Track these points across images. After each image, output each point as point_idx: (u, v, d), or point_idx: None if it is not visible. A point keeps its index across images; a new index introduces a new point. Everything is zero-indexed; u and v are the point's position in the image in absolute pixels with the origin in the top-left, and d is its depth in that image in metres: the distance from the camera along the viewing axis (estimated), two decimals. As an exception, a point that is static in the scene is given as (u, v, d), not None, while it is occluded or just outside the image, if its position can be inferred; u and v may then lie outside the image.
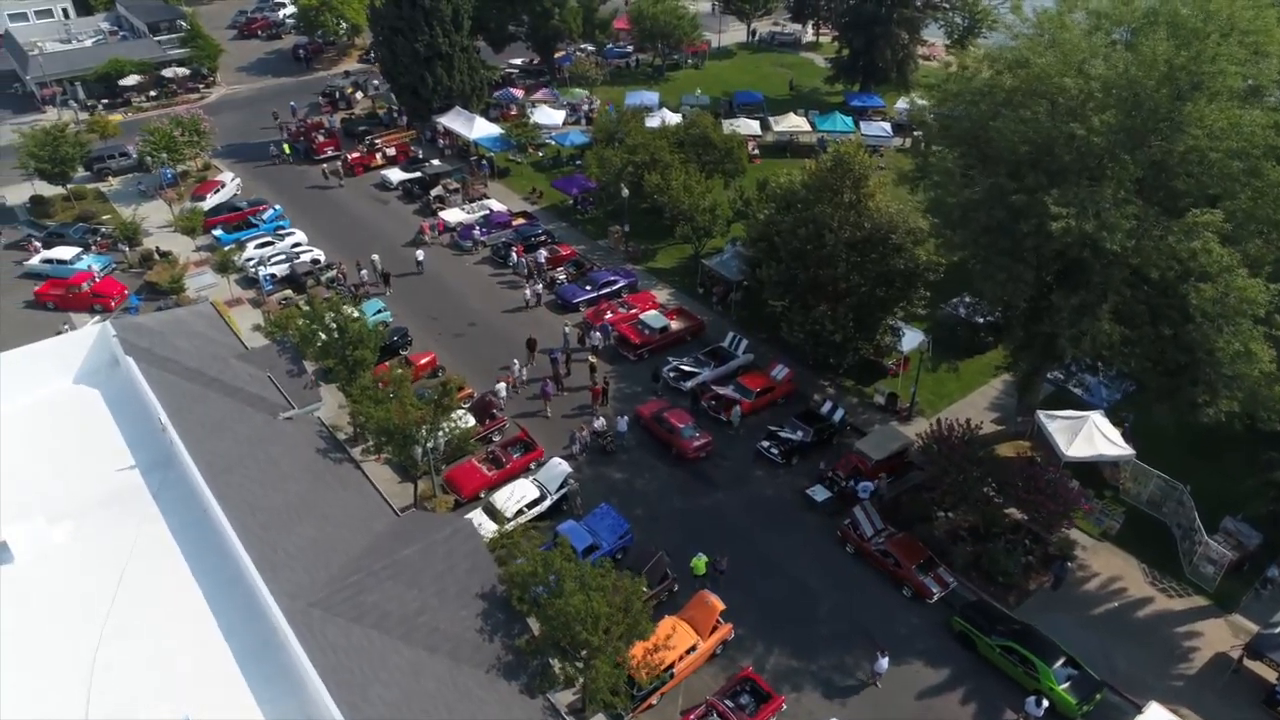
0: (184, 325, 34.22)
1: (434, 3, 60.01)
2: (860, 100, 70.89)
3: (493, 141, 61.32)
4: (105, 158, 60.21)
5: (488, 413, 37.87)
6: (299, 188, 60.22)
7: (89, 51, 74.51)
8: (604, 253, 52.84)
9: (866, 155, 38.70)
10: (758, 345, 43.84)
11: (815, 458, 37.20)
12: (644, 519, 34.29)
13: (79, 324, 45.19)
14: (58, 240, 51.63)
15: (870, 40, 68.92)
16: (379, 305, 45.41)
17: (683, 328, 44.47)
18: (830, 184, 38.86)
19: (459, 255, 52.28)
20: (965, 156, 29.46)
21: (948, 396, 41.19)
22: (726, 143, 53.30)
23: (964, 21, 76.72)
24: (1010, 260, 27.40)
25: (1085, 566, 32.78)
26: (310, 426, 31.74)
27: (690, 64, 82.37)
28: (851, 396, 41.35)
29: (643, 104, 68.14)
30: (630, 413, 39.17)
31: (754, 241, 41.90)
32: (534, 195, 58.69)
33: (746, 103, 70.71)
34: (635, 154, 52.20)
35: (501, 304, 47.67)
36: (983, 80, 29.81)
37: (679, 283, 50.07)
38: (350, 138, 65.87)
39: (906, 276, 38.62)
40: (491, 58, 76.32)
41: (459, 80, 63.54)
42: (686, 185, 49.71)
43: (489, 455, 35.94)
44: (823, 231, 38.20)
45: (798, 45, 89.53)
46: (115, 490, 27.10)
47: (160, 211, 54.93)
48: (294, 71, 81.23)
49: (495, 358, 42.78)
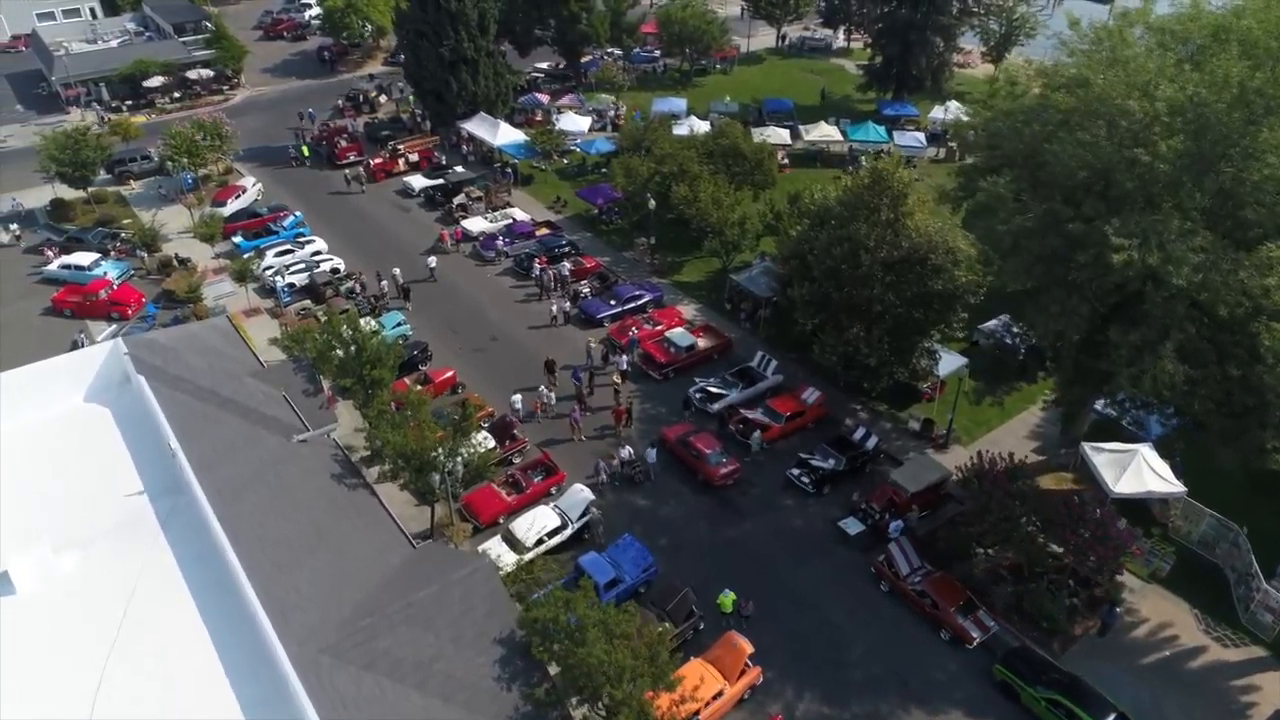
0: (199, 341, 33.30)
1: (460, 7, 58.99)
2: (893, 109, 69.15)
3: (517, 148, 60.22)
4: (127, 160, 59.66)
5: (508, 434, 36.67)
6: (320, 193, 59.40)
7: (114, 52, 74.21)
8: (629, 265, 51.54)
9: (906, 172, 37.11)
10: (787, 365, 42.37)
11: (847, 487, 35.72)
12: (668, 549, 32.94)
13: (95, 331, 44.63)
14: (76, 245, 51.05)
15: (905, 47, 67.21)
16: (399, 317, 44.37)
17: (710, 346, 43.07)
18: (867, 201, 37.33)
19: (481, 266, 51.16)
20: (1017, 180, 27.83)
21: (986, 424, 39.53)
22: (757, 153, 51.83)
23: (1000, 28, 74.88)
24: (1065, 292, 25.79)
25: (1133, 611, 31.07)
26: (325, 449, 30.65)
27: (718, 69, 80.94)
28: (885, 422, 39.78)
29: (670, 111, 66.89)
30: (655, 435, 37.86)
31: (785, 259, 40.43)
32: (558, 204, 57.50)
33: (776, 110, 69.16)
34: (663, 164, 50.87)
35: (524, 318, 46.47)
36: (1034, 98, 28.17)
37: (706, 298, 48.66)
38: (373, 142, 65.03)
39: (945, 299, 36.99)
40: (517, 61, 75.30)
41: (484, 86, 62.50)
42: (715, 198, 48.30)
43: (509, 479, 34.73)
44: (859, 251, 36.68)
45: (828, 51, 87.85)
46: (122, 517, 26.16)
47: (180, 216, 54.26)
48: (318, 73, 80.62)
49: (516, 374, 41.59)
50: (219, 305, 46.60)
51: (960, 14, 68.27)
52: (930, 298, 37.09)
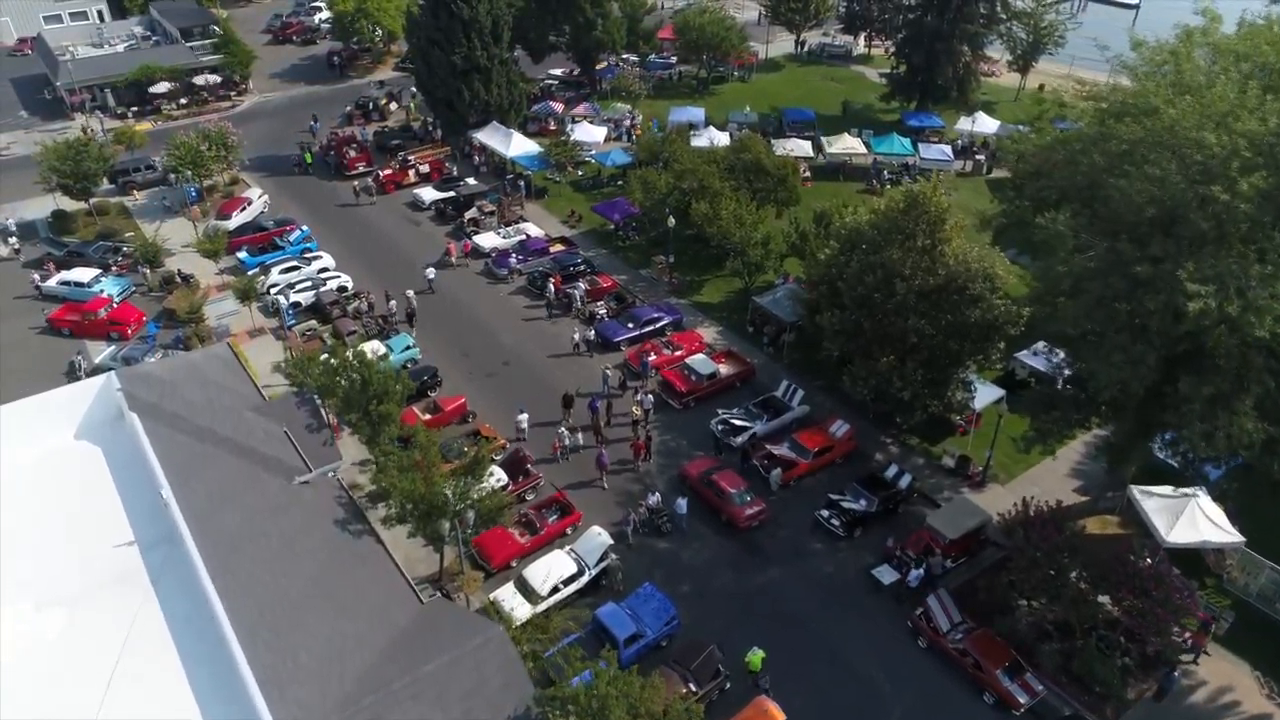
0: (197, 373, 31.59)
1: (473, 14, 57.20)
2: (918, 120, 67.07)
3: (530, 160, 58.39)
4: (130, 170, 58.07)
5: (521, 469, 34.84)
6: (328, 205, 57.69)
7: (119, 57, 72.67)
8: (646, 284, 49.64)
9: (943, 196, 35.12)
10: (813, 394, 40.45)
11: (880, 528, 33.78)
12: (690, 597, 31.04)
13: (94, 351, 42.99)
14: (77, 260, 49.44)
15: (930, 56, 65.10)
16: (407, 340, 42.61)
17: (732, 373, 41.15)
18: (902, 226, 35.37)
19: (493, 284, 49.34)
20: (1076, 216, 25.80)
21: (1024, 460, 37.41)
22: (780, 169, 49.85)
23: (1027, 37, 72.72)
24: (1129, 338, 23.76)
25: (1190, 673, 29.04)
26: (329, 491, 28.91)
27: (736, 77, 78.96)
28: (917, 457, 37.81)
29: (687, 120, 64.98)
30: (677, 473, 36.01)
31: (814, 284, 38.47)
32: (573, 219, 55.65)
33: (797, 120, 67.17)
34: (682, 180, 48.97)
35: (538, 341, 44.61)
36: (1092, 124, 26.13)
37: (727, 319, 46.74)
38: (382, 152, 63.29)
39: (983, 329, 34.97)
40: (530, 68, 73.54)
41: (497, 94, 60.70)
42: (737, 216, 46.45)
43: (522, 519, 32.88)
44: (893, 279, 34.73)
45: (848, 58, 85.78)
46: (112, 571, 24.46)
47: (185, 229, 52.63)
48: (327, 79, 78.95)
49: (530, 402, 39.70)
50: (222, 325, 44.97)
51: (988, 22, 66.03)
52: (968, 328, 35.09)
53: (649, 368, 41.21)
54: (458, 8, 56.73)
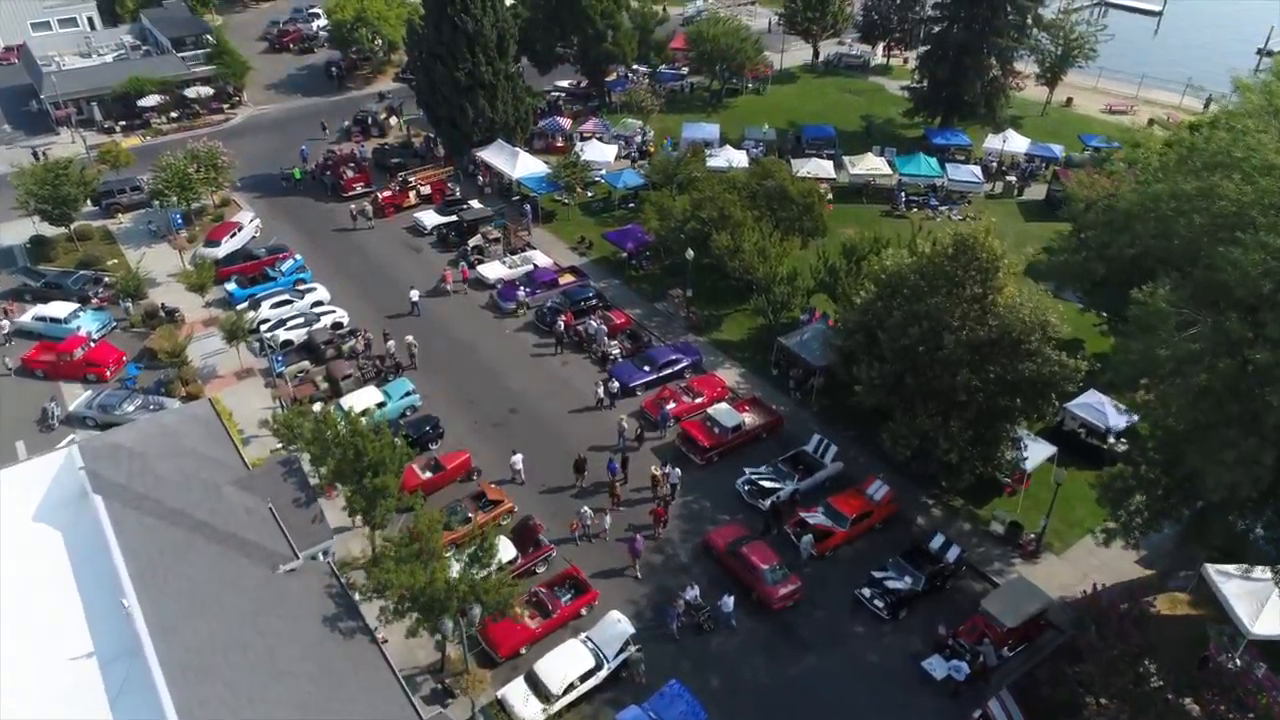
0: (172, 440, 28.48)
1: (478, 27, 54.02)
2: (943, 137, 63.83)
3: (537, 181, 55.20)
4: (115, 192, 54.90)
5: (531, 540, 31.71)
6: (324, 229, 54.54)
7: (106, 69, 69.44)
8: (662, 319, 46.46)
9: (996, 241, 31.94)
10: (845, 445, 37.31)
11: (927, 607, 30.66)
12: (720, 693, 27.94)
13: (70, 396, 39.94)
14: (54, 291, 46.32)
15: (956, 71, 61.81)
16: (407, 385, 39.48)
17: (758, 424, 38.00)
18: (950, 273, 32.21)
19: (499, 318, 46.18)
20: (1176, 288, 22.65)
21: (1079, 525, 34.38)
22: (805, 196, 46.62)
23: (1057, 49, 69.44)
24: (1242, 433, 20.66)
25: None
26: (318, 580, 25.87)
27: (750, 89, 75.69)
28: (962, 521, 34.66)
29: (702, 138, 61.85)
30: (699, 539, 32.93)
31: (849, 332, 35.30)
32: (583, 245, 52.48)
33: (817, 138, 63.91)
34: (701, 208, 45.79)
35: (548, 384, 41.46)
36: (1186, 178, 22.99)
37: (749, 359, 43.56)
38: (381, 170, 60.15)
39: (1038, 385, 31.82)
40: (535, 79, 70.22)
41: (502, 111, 57.54)
42: (760, 248, 43.31)
43: (532, 598, 29.76)
44: (941, 331, 31.60)
45: (866, 68, 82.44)
46: (65, 687, 21.35)
47: (171, 256, 49.55)
48: (325, 90, 75.69)
49: (539, 457, 36.63)
50: (207, 366, 41.86)
51: (1019, 35, 62.73)
52: (1020, 383, 31.94)
53: (668, 417, 38.11)
54: (461, 21, 53.56)
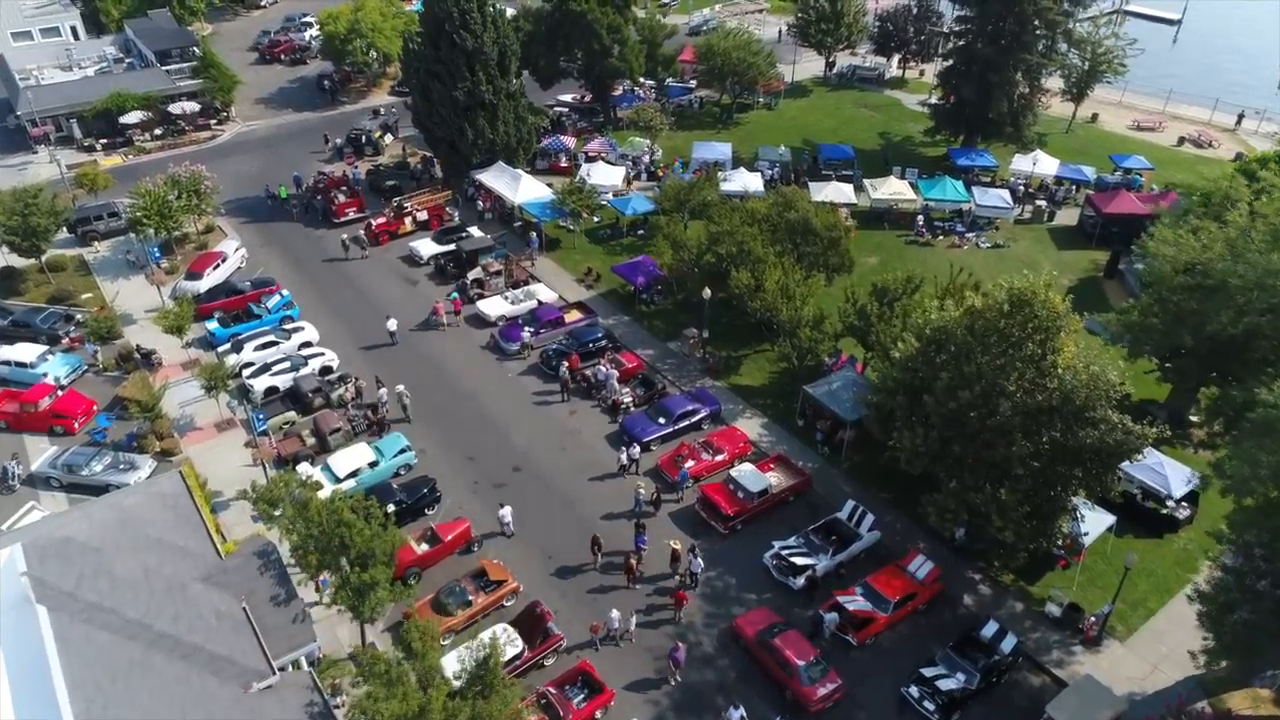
0: (133, 529, 25.19)
1: (478, 44, 50.77)
2: (968, 158, 60.68)
3: (541, 208, 51.89)
4: (92, 218, 51.60)
5: (539, 629, 28.45)
6: (314, 259, 51.21)
7: (86, 84, 66.06)
8: (676, 361, 43.19)
9: (1058, 298, 28.72)
10: (879, 509, 34.13)
11: (982, 707, 27.46)
12: (755, 814, 24.74)
13: (34, 452, 36.70)
14: (21, 330, 43.05)
15: (982, 88, 58.60)
16: (401, 442, 36.17)
17: (785, 486, 34.78)
18: (1005, 331, 28.99)
19: (502, 361, 42.89)
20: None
21: (1142, 605, 31.20)
22: (831, 229, 43.38)
23: (1084, 64, 66.33)
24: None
25: None
26: (297, 697, 22.55)
27: (762, 104, 72.48)
28: (1014, 600, 31.42)
29: (713, 159, 58.68)
30: (726, 625, 29.71)
31: (889, 392, 32.05)
32: (589, 277, 49.21)
33: (834, 158, 60.79)
34: (719, 243, 42.56)
35: (554, 437, 38.19)
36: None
37: (771, 408, 40.31)
38: (375, 193, 56.89)
39: (1103, 455, 28.60)
40: (537, 94, 67.01)
41: (503, 132, 54.33)
42: (784, 287, 40.11)
43: (540, 700, 26.51)
44: (995, 395, 28.40)
45: (880, 81, 79.32)
46: None
47: (150, 288, 46.29)
48: (317, 104, 72.37)
49: (548, 524, 33.45)
50: (184, 418, 38.58)
51: (1048, 51, 59.51)
52: (1080, 452, 28.72)
53: (686, 478, 34.91)
54: (460, 38, 50.33)
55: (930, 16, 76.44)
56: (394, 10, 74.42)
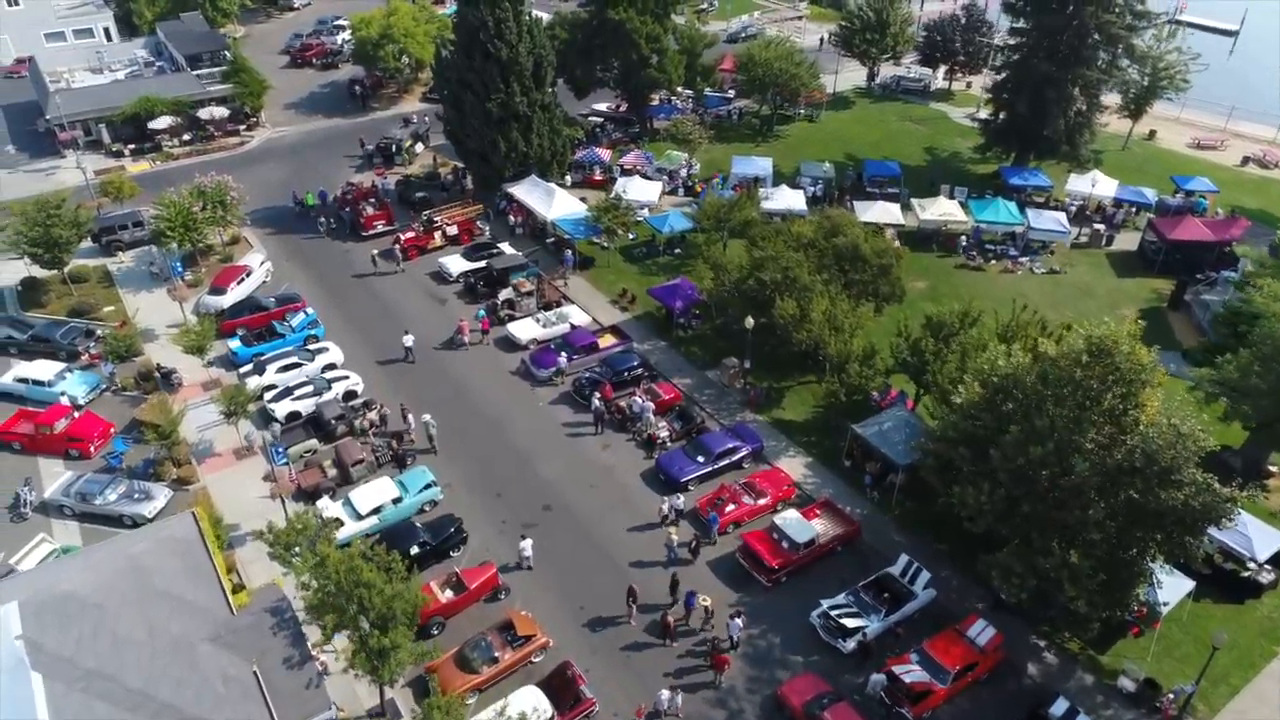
0: (140, 580, 23.58)
1: (513, 55, 48.99)
2: (1020, 177, 57.96)
3: (575, 225, 49.97)
4: (116, 228, 50.42)
5: (571, 693, 26.47)
6: (340, 274, 49.59)
7: (116, 88, 65.07)
8: (715, 392, 41.07)
9: (1143, 349, 26.28)
10: (934, 562, 31.83)
11: (1049, 795, 25.13)
12: None
13: (48, 476, 35.40)
14: (41, 345, 41.85)
15: (1038, 105, 55.88)
16: (427, 477, 34.37)
17: (833, 535, 32.56)
18: (1083, 383, 26.59)
19: (533, 388, 40.96)
20: None
21: (1224, 681, 28.63)
22: (882, 256, 41.01)
23: (1144, 79, 63.34)
24: None
25: None
26: (309, 776, 20.72)
27: (803, 115, 70.08)
28: (1083, 672, 28.95)
29: (753, 174, 56.57)
30: (770, 692, 27.56)
31: (952, 442, 29.70)
32: (624, 299, 47.19)
33: (880, 175, 58.35)
34: (762, 268, 40.37)
35: (587, 472, 36.22)
36: None
37: (816, 446, 38.06)
38: (404, 205, 55.28)
39: (1187, 520, 26.11)
40: (571, 103, 65.04)
41: (537, 145, 52.51)
42: (831, 318, 37.88)
43: (571, 774, 24.59)
44: (1070, 454, 26.02)
45: (926, 93, 76.63)
46: None
47: (172, 303, 44.91)
48: (348, 110, 70.98)
49: (578, 570, 31.51)
50: (203, 442, 37.11)
51: (1109, 67, 56.66)
52: (1163, 514, 26.24)
53: (716, 521, 32.72)
54: (495, 47, 48.55)
55: (980, 27, 73.74)
56: (426, 15, 72.97)
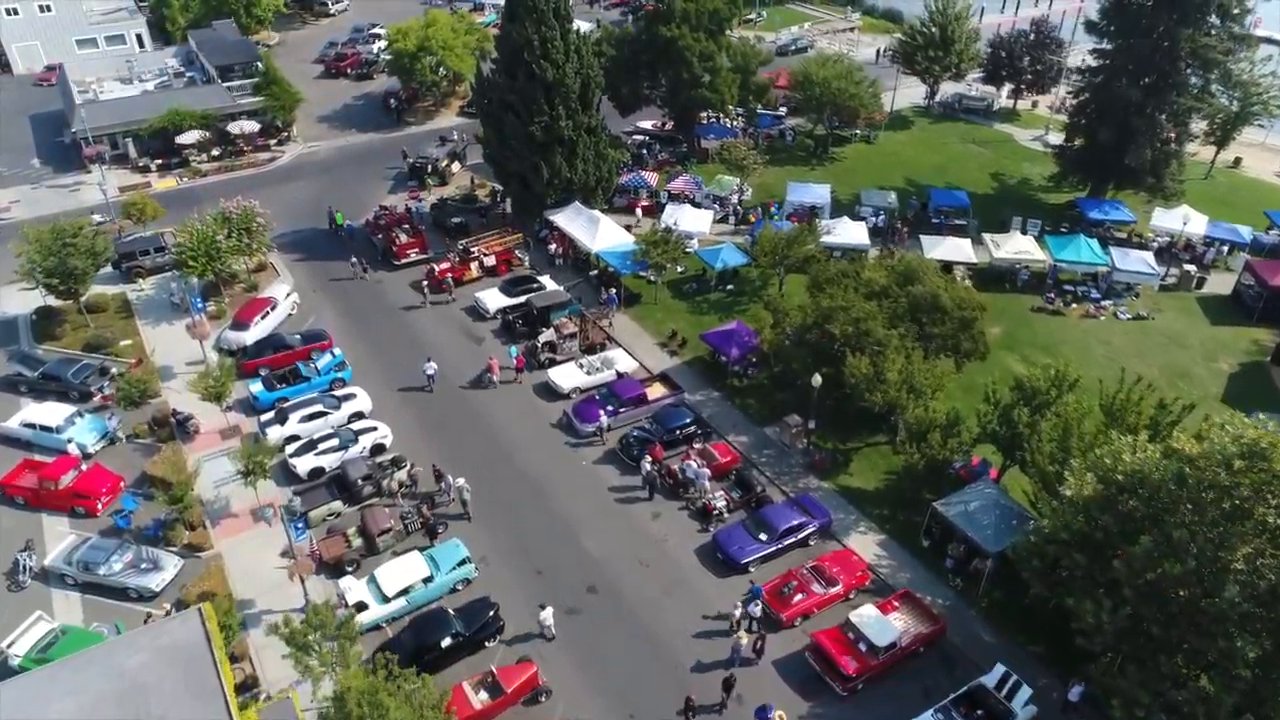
0: (135, 701, 20.53)
1: (559, 75, 45.66)
2: (1101, 210, 53.68)
3: (621, 259, 46.53)
4: (138, 253, 47.78)
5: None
6: (372, 307, 46.53)
7: (143, 100, 62.76)
8: (774, 453, 37.42)
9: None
10: (1028, 666, 27.99)
11: None
12: None
13: (51, 535, 32.65)
14: (52, 384, 39.16)
15: (1123, 133, 51.55)
16: (461, 552, 31.02)
17: (916, 636, 28.78)
18: (1231, 490, 22.64)
19: (575, 447, 37.53)
20: None
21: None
22: (963, 307, 37.09)
23: (1233, 105, 58.72)
24: None
25: None
26: None
27: (859, 137, 66.10)
28: (1213, 816, 24.99)
29: (810, 202, 52.91)
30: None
31: (1064, 544, 25.78)
32: (674, 342, 43.65)
33: (945, 205, 54.36)
34: (830, 320, 36.66)
35: (637, 545, 32.70)
36: None
37: (889, 520, 34.28)
38: (439, 230, 52.17)
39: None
40: (615, 119, 61.49)
41: (581, 171, 49.15)
42: (909, 379, 34.07)
43: None
44: (1216, 574, 22.10)
45: (988, 113, 72.33)
46: None
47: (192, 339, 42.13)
48: (382, 124, 68.16)
49: (628, 669, 28.02)
50: (218, 502, 34.14)
51: (1202, 93, 52.20)
52: (1318, 644, 22.29)
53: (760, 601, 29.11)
54: (540, 68, 45.24)
55: (1049, 44, 69.31)
56: (465, 25, 70.01)
